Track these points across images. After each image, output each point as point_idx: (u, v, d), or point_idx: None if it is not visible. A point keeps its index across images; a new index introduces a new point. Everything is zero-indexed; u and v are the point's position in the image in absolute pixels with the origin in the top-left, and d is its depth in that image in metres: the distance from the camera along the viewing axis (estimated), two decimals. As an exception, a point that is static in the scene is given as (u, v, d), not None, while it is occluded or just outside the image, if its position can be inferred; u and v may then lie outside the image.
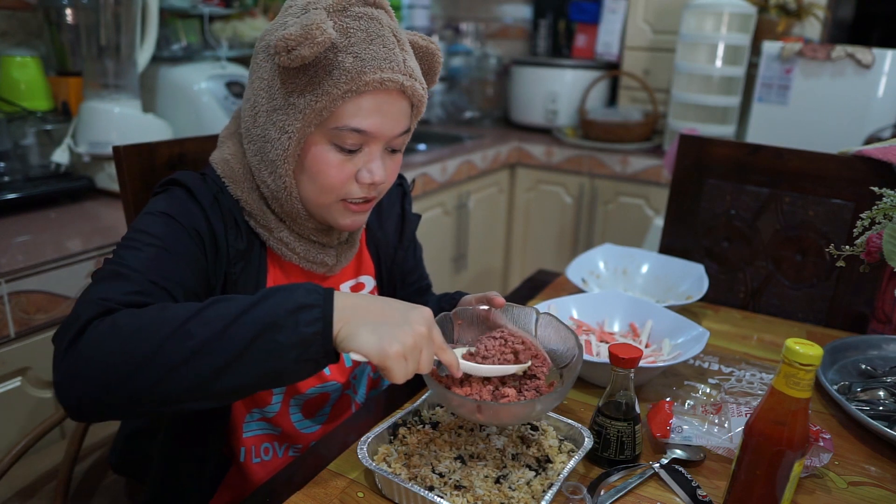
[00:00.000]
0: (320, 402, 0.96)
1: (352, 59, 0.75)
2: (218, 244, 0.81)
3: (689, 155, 1.40)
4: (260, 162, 0.82)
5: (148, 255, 0.73)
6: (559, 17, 3.04)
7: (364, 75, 0.75)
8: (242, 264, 0.84)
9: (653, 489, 0.76)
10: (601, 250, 1.37)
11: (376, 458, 0.74)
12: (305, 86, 0.76)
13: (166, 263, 0.74)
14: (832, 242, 1.07)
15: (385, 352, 0.63)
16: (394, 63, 0.78)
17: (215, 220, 0.81)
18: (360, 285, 1.00)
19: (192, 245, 0.78)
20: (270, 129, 0.79)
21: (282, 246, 0.87)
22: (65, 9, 1.56)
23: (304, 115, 0.76)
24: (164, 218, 0.78)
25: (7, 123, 1.52)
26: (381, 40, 0.77)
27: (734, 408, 0.83)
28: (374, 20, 0.78)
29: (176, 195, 0.81)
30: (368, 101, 0.78)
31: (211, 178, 0.85)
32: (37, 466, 1.12)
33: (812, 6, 2.38)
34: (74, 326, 0.64)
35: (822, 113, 2.17)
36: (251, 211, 0.85)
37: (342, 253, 0.93)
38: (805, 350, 0.61)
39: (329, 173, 0.80)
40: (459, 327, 0.85)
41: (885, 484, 0.78)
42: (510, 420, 0.76)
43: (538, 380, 0.77)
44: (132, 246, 0.74)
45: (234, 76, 1.85)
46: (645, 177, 2.55)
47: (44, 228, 1.37)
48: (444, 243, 2.48)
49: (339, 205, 0.84)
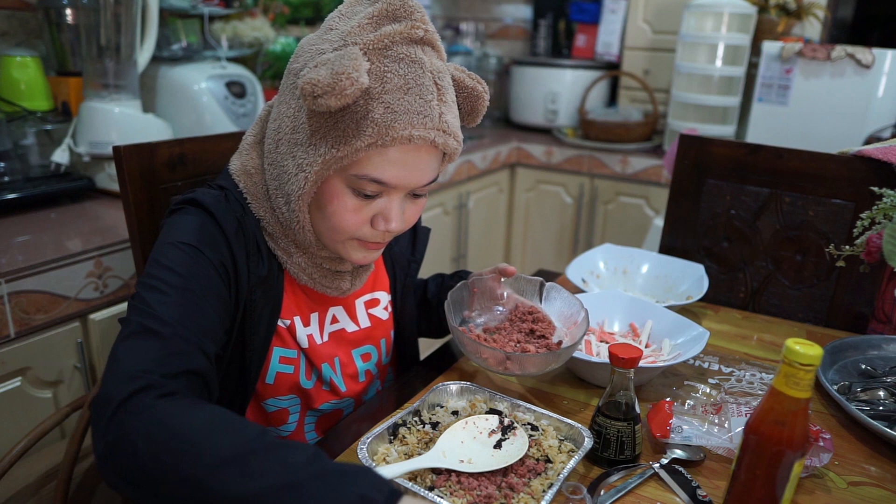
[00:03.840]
0: (334, 418, 0.96)
1: (383, 109, 0.70)
2: (239, 275, 0.78)
3: (689, 155, 1.40)
4: (277, 189, 0.79)
5: (175, 301, 0.69)
6: (559, 17, 3.05)
7: (393, 130, 0.71)
8: (260, 292, 0.82)
9: (653, 489, 0.76)
10: (601, 250, 1.37)
11: (376, 458, 0.74)
12: (329, 129, 0.72)
13: (194, 310, 0.70)
14: (832, 242, 1.07)
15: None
16: (427, 119, 0.72)
17: (238, 249, 0.78)
18: (375, 300, 0.99)
19: (219, 281, 0.74)
20: (289, 163, 0.76)
21: (298, 270, 0.86)
22: (65, 9, 1.56)
23: (323, 160, 0.73)
24: (189, 251, 0.73)
25: (7, 123, 1.52)
26: (419, 90, 0.72)
27: (734, 408, 0.83)
28: (417, 64, 0.72)
29: (200, 222, 0.77)
30: (395, 153, 0.73)
31: (233, 197, 0.81)
32: (37, 466, 1.12)
33: (812, 6, 2.38)
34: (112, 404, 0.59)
35: (822, 113, 2.17)
36: (272, 232, 0.83)
37: (357, 276, 0.92)
38: (805, 350, 0.61)
39: (344, 217, 0.77)
40: (475, 295, 0.98)
41: (885, 484, 0.78)
42: (534, 369, 0.86)
43: (548, 339, 0.93)
44: (158, 288, 0.69)
45: (234, 76, 1.85)
46: (645, 177, 2.55)
47: (44, 228, 1.37)
48: (444, 243, 2.48)
49: (352, 242, 0.82)
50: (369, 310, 0.98)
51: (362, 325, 0.96)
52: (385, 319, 1.00)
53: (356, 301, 0.96)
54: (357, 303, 0.97)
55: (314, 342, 0.90)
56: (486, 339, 0.92)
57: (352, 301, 0.96)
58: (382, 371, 1.03)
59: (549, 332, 0.95)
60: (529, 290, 1.00)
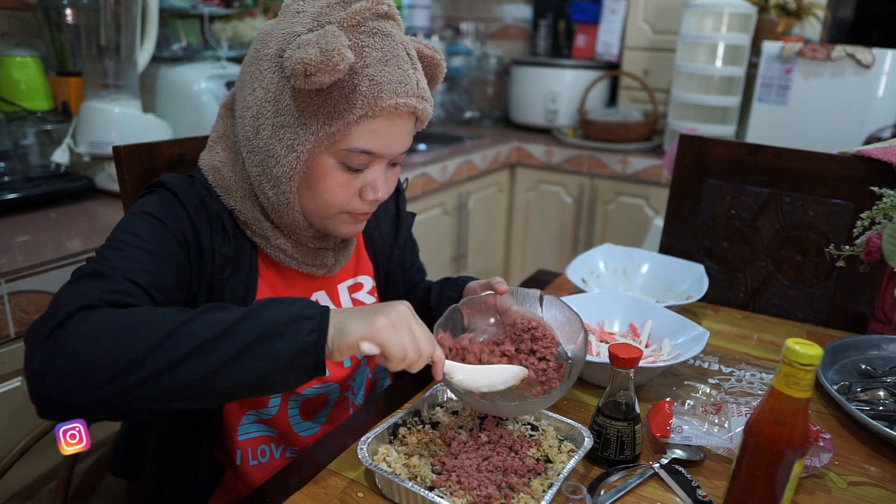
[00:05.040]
0: (319, 404, 0.96)
1: (368, 82, 0.74)
2: (203, 250, 0.80)
3: (689, 155, 1.40)
4: (261, 174, 0.81)
5: (130, 256, 0.72)
6: (559, 17, 3.05)
7: (380, 100, 0.75)
8: (230, 271, 0.83)
9: (653, 489, 0.76)
10: (601, 250, 1.37)
11: (376, 458, 0.74)
12: (319, 107, 0.75)
13: (148, 265, 0.73)
14: (832, 242, 1.07)
15: (373, 326, 0.66)
16: (408, 86, 0.77)
17: (201, 225, 0.80)
18: (358, 285, 1.00)
19: (177, 248, 0.77)
20: (276, 145, 0.78)
21: (279, 253, 0.87)
22: (65, 9, 1.56)
23: (315, 137, 0.76)
24: (149, 219, 0.77)
25: (7, 123, 1.52)
26: (396, 60, 0.77)
27: (734, 408, 0.83)
28: (388, 36, 0.77)
29: (162, 197, 0.80)
30: (380, 123, 0.78)
31: (199, 184, 0.84)
32: (37, 466, 1.12)
33: (812, 6, 2.38)
34: (52, 320, 0.62)
35: (822, 113, 2.17)
36: (246, 220, 0.84)
37: (340, 252, 0.93)
38: (805, 350, 0.61)
39: (335, 191, 0.81)
40: (468, 316, 0.88)
41: (885, 484, 0.78)
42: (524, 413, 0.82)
43: (548, 361, 0.82)
44: (115, 246, 0.73)
45: (234, 76, 1.84)
46: (645, 177, 2.55)
47: (44, 228, 1.37)
48: (444, 243, 2.48)
49: (341, 216, 0.84)
50: (353, 294, 0.99)
51: None
52: (370, 304, 1.00)
53: (339, 286, 0.97)
54: (340, 287, 0.97)
55: None
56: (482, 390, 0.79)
57: (334, 286, 0.96)
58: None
59: (550, 351, 0.83)
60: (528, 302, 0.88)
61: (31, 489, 1.12)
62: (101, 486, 1.13)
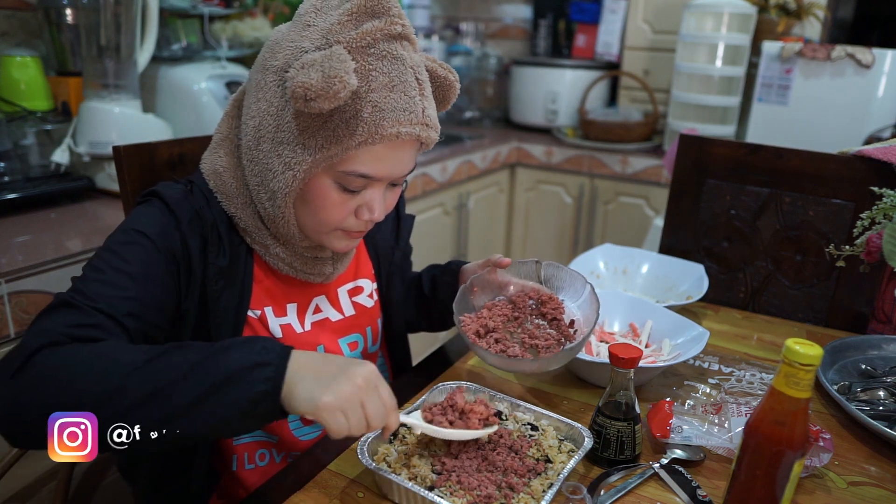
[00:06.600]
0: None
1: (371, 108, 0.72)
2: (192, 263, 0.79)
3: (689, 155, 1.40)
4: (259, 185, 0.80)
5: (111, 281, 0.72)
6: (559, 17, 3.04)
7: (382, 128, 0.73)
8: (224, 282, 0.82)
9: (653, 489, 0.76)
10: (601, 250, 1.37)
11: (376, 458, 0.74)
12: (319, 129, 0.73)
13: (129, 291, 0.72)
14: (832, 242, 1.07)
15: (316, 404, 0.62)
16: (413, 114, 0.75)
17: (193, 238, 0.79)
18: (358, 288, 1.00)
19: (163, 270, 0.76)
20: (274, 160, 0.77)
21: (278, 261, 0.86)
22: (65, 9, 1.56)
23: (314, 158, 0.74)
24: (136, 237, 0.76)
25: (7, 123, 1.52)
26: (403, 86, 0.74)
27: (734, 408, 0.83)
28: (398, 60, 0.74)
29: (155, 210, 0.79)
30: (381, 149, 0.76)
31: (199, 190, 0.83)
32: (37, 466, 1.12)
33: (812, 6, 2.38)
34: (20, 357, 0.63)
35: (822, 113, 2.17)
36: (246, 227, 0.84)
37: (338, 261, 0.93)
38: (805, 350, 0.61)
39: (330, 210, 0.80)
40: (475, 294, 0.94)
41: (885, 484, 0.78)
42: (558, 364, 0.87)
43: (558, 321, 0.90)
44: (98, 268, 0.73)
45: (234, 76, 1.85)
46: (645, 177, 2.55)
47: (44, 228, 1.37)
48: (444, 243, 2.48)
49: (336, 233, 0.83)
50: (353, 297, 0.99)
51: (346, 314, 0.97)
52: (370, 307, 1.01)
53: (338, 290, 0.97)
54: (340, 291, 0.97)
55: (292, 331, 0.90)
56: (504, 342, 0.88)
57: (334, 290, 0.96)
58: (370, 358, 1.03)
59: (559, 312, 0.92)
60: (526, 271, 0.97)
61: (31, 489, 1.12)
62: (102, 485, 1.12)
